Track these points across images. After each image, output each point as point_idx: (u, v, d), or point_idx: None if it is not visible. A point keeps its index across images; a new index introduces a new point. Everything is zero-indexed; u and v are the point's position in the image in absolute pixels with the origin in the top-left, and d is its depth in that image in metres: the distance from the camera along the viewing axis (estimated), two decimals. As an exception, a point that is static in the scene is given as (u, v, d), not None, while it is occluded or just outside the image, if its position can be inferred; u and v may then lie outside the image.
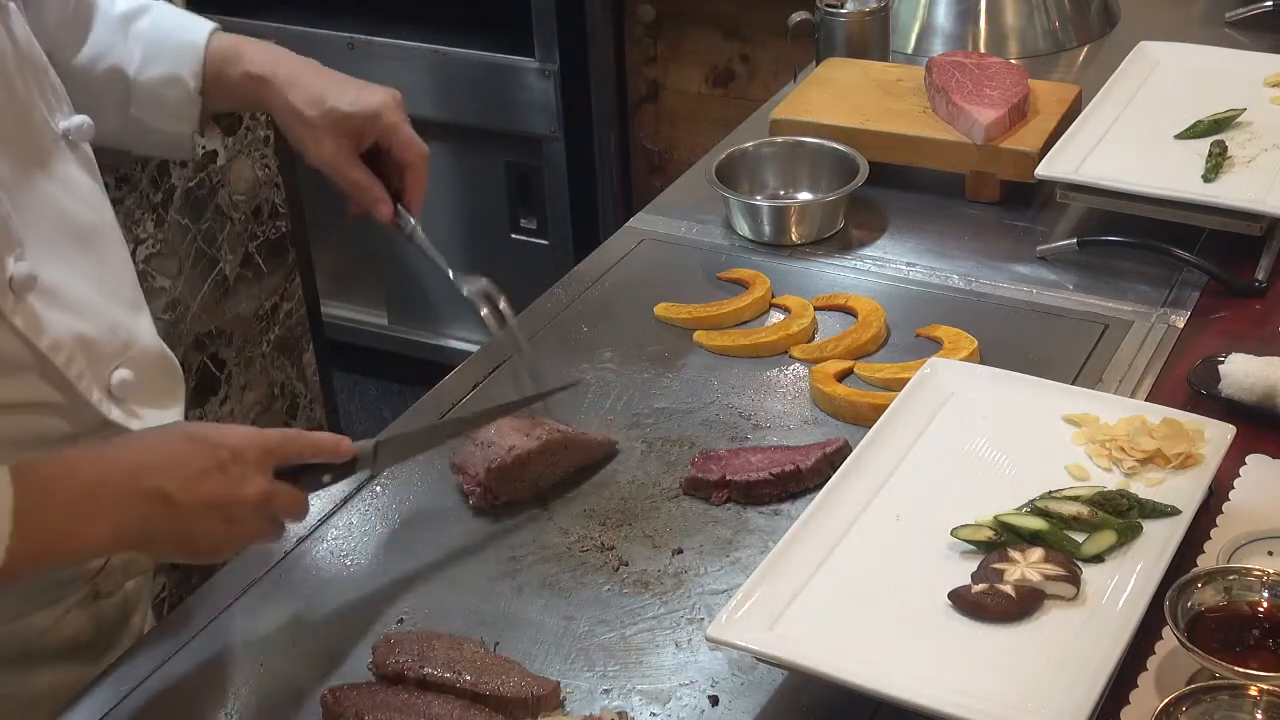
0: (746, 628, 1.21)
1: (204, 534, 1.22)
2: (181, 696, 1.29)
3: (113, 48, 1.49)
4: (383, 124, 1.51)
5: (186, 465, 1.20)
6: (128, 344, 1.36)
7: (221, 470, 1.21)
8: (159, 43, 1.50)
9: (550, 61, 3.21)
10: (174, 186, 2.40)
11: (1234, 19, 2.32)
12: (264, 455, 1.24)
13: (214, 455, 1.21)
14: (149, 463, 1.21)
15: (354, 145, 1.52)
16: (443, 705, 1.20)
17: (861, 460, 1.38)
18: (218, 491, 1.20)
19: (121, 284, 1.40)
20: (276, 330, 2.70)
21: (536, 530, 1.43)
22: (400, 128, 1.52)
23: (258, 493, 1.23)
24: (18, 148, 1.28)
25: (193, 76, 1.50)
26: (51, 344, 1.26)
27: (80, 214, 1.35)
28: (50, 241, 1.29)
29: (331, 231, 3.50)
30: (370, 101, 1.50)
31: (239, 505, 1.22)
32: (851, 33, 2.15)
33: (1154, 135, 1.88)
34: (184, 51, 1.50)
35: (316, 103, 1.49)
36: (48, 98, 1.34)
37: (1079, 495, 1.32)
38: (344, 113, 1.50)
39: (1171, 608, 1.16)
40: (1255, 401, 1.47)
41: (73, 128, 1.36)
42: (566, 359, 1.66)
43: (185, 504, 1.19)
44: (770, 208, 1.87)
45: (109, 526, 1.18)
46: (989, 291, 1.75)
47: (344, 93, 1.50)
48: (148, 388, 1.38)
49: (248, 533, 1.25)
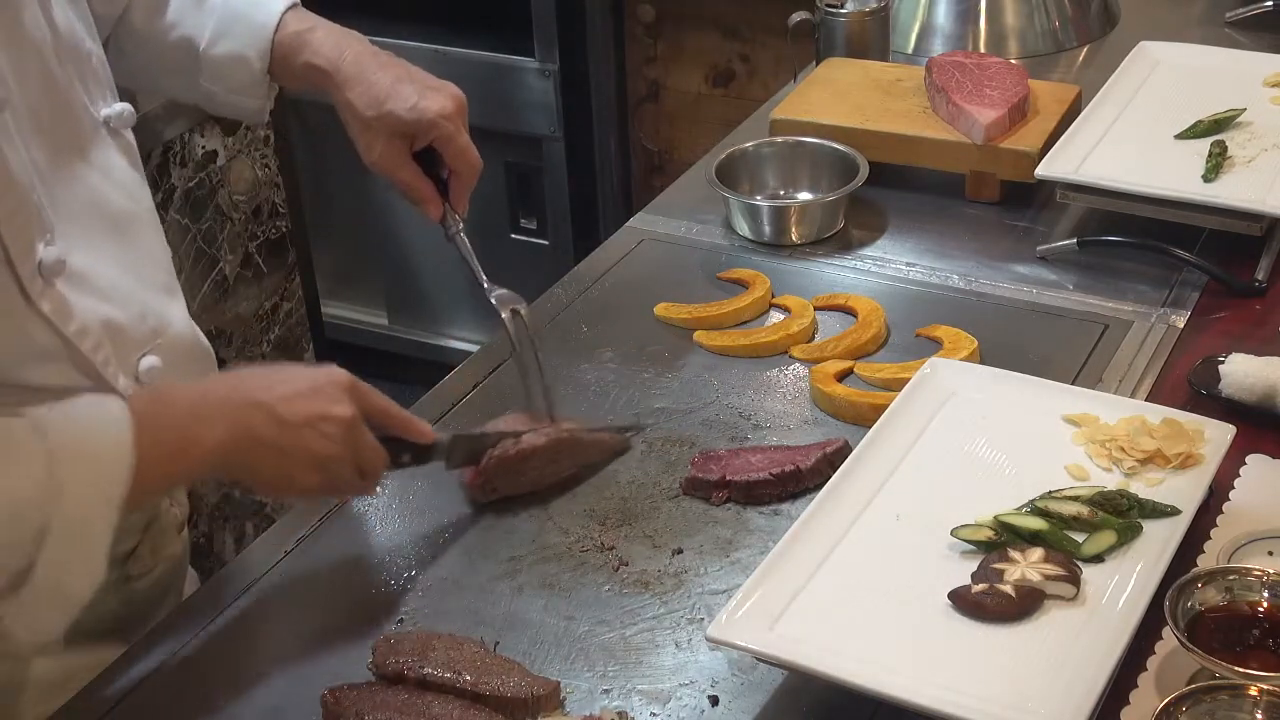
0: (746, 628, 1.21)
1: (301, 450, 1.26)
2: (181, 697, 1.29)
3: (185, 18, 1.51)
4: (438, 133, 1.50)
5: (284, 383, 1.28)
6: (157, 330, 1.37)
7: (317, 390, 1.28)
8: (232, 19, 1.51)
9: (550, 61, 3.21)
10: (174, 186, 2.40)
11: (1234, 19, 2.31)
12: (353, 386, 1.31)
13: (310, 377, 1.30)
14: (249, 380, 1.30)
15: (406, 147, 1.52)
16: (443, 705, 1.20)
17: (861, 460, 1.38)
18: (315, 407, 1.27)
19: (155, 270, 1.41)
20: (276, 330, 2.70)
21: (536, 530, 1.43)
22: (455, 138, 1.51)
23: (350, 414, 1.29)
24: (55, 134, 1.29)
25: (259, 58, 1.50)
26: (79, 329, 1.27)
27: (116, 200, 1.36)
28: (83, 227, 1.30)
29: (331, 231, 3.50)
30: (429, 109, 1.49)
31: (332, 422, 1.27)
32: (851, 33, 2.15)
33: (1154, 135, 1.88)
34: (254, 31, 1.50)
35: (375, 104, 1.49)
36: (89, 85, 1.35)
37: (1079, 495, 1.32)
38: (400, 118, 1.49)
39: (1171, 608, 1.16)
40: (1255, 401, 1.47)
41: (114, 115, 1.37)
42: (567, 359, 1.66)
43: (286, 416, 1.26)
44: (770, 208, 1.87)
45: (220, 432, 1.23)
46: (989, 291, 1.75)
47: (404, 96, 1.49)
48: (177, 374, 1.39)
49: (337, 459, 1.29)
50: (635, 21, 3.26)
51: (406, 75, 1.52)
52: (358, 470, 1.32)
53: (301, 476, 1.29)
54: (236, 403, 1.26)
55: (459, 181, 1.55)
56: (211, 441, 1.24)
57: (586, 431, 1.50)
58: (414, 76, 1.52)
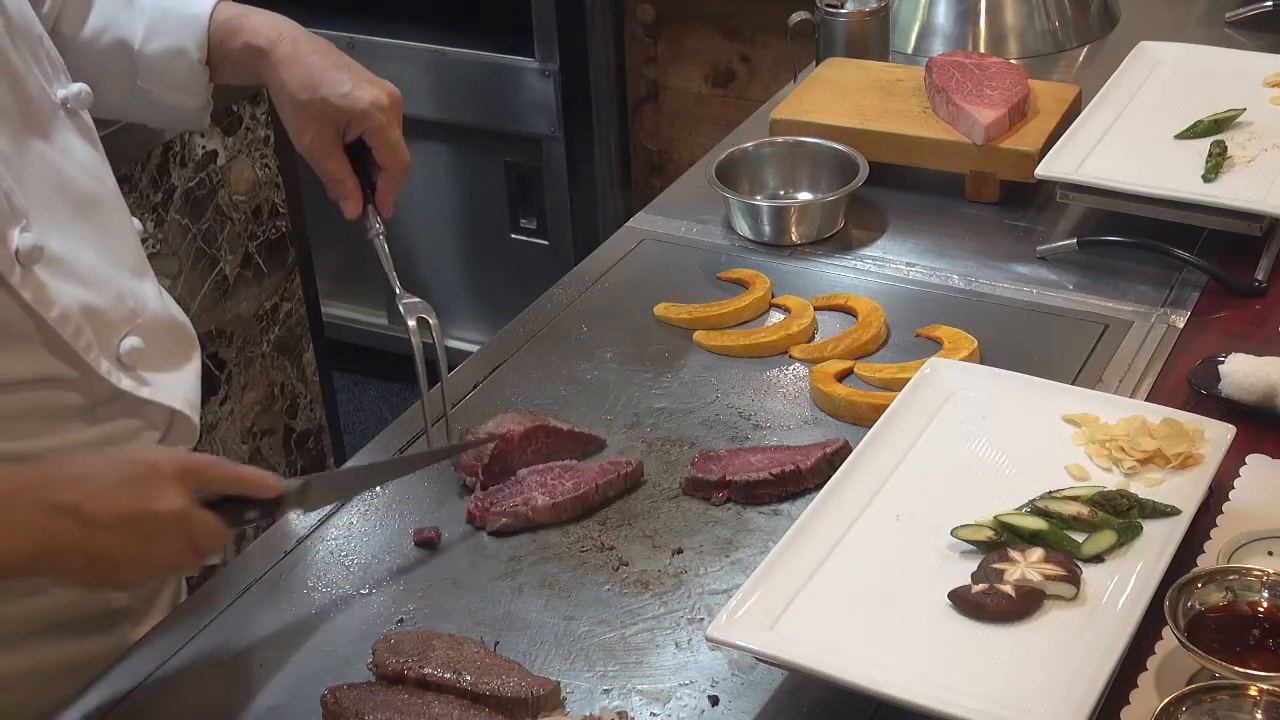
0: (746, 628, 1.21)
1: (118, 551, 1.16)
2: (181, 697, 1.29)
3: (116, 20, 1.48)
4: (370, 124, 1.47)
5: (101, 478, 1.17)
6: (135, 311, 1.36)
7: (135, 484, 1.17)
8: (163, 14, 1.48)
9: (550, 61, 3.21)
10: (174, 186, 2.40)
11: (1234, 19, 2.32)
12: (183, 473, 1.19)
13: (130, 469, 1.18)
14: (63, 477, 1.17)
15: (336, 136, 1.48)
16: (443, 705, 1.20)
17: (861, 460, 1.38)
18: (132, 505, 1.16)
19: (125, 251, 1.39)
20: (276, 330, 2.70)
21: (536, 530, 1.43)
22: (386, 131, 1.48)
23: (174, 509, 1.17)
24: (15, 118, 1.27)
25: (197, 48, 1.48)
26: (59, 316, 1.26)
27: (81, 182, 1.34)
28: (53, 211, 1.28)
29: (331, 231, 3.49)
30: (361, 99, 1.46)
31: (154, 520, 1.16)
32: (851, 33, 2.15)
33: (1154, 135, 1.88)
34: (188, 23, 1.48)
35: (308, 87, 1.46)
36: (45, 67, 1.34)
37: (1079, 495, 1.32)
38: (332, 105, 1.46)
39: (1171, 608, 1.16)
40: (1255, 401, 1.47)
41: (71, 96, 1.35)
42: (567, 359, 1.66)
43: (98, 517, 1.14)
44: (770, 208, 1.87)
45: (23, 541, 1.13)
46: (989, 291, 1.75)
47: (339, 83, 1.46)
48: (158, 353, 1.38)
49: (164, 554, 1.19)
50: (635, 21, 3.26)
51: (344, 64, 1.49)
52: (193, 550, 1.21)
53: (119, 576, 1.20)
54: (45, 505, 1.14)
55: (387, 179, 1.51)
56: (13, 552, 1.14)
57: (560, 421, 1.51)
58: (351, 66, 1.49)
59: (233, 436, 2.62)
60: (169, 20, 1.48)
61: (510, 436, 1.47)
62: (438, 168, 3.42)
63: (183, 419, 1.41)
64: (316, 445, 2.85)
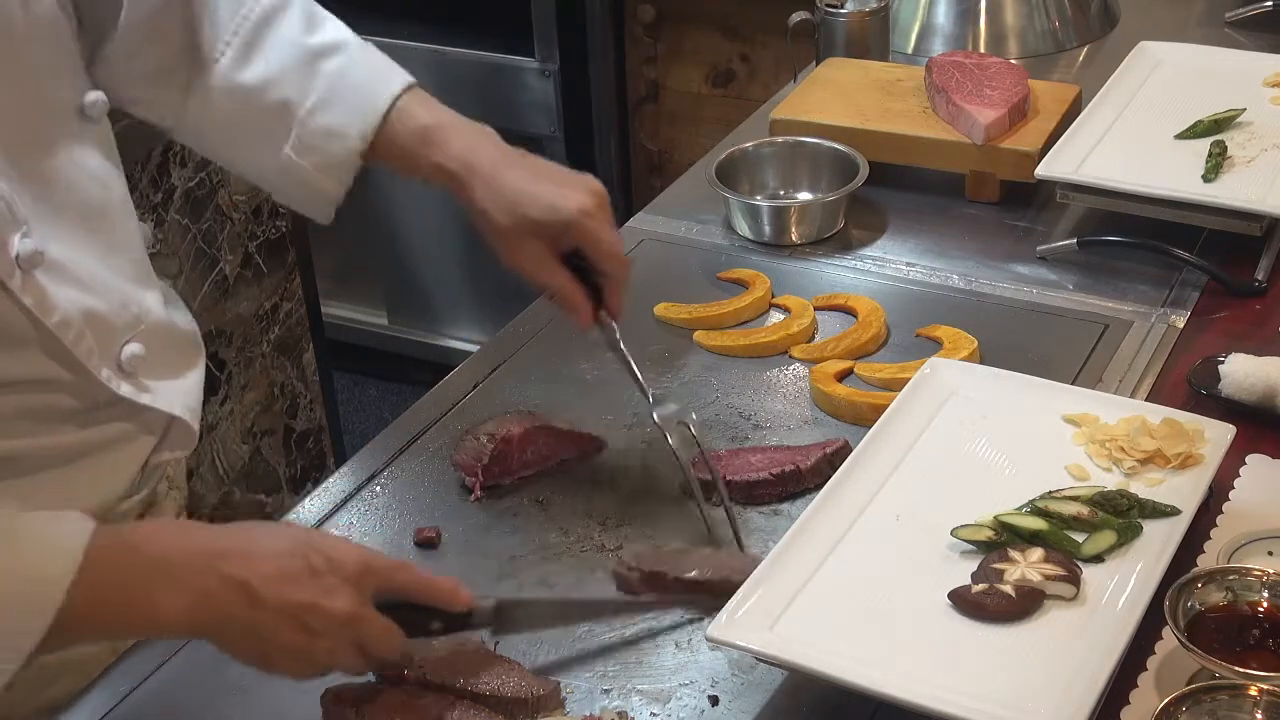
0: (746, 628, 1.21)
1: (280, 640, 1.14)
2: (181, 697, 1.29)
3: (288, 77, 1.40)
4: (580, 232, 1.39)
5: (277, 561, 1.14)
6: (139, 318, 1.33)
7: (313, 576, 1.14)
8: (342, 88, 1.40)
9: (550, 61, 3.21)
10: (174, 186, 2.40)
11: (1234, 19, 2.31)
12: (364, 573, 1.16)
13: (308, 559, 1.14)
14: (238, 549, 1.15)
15: (552, 250, 1.41)
16: (443, 705, 1.20)
17: (861, 460, 1.38)
18: (303, 596, 1.13)
19: (130, 260, 1.36)
20: (276, 330, 2.70)
21: (536, 530, 1.43)
22: (600, 237, 1.40)
23: (346, 610, 1.14)
24: (23, 124, 1.24)
25: (360, 136, 1.40)
26: (60, 321, 1.24)
27: (88, 191, 1.31)
28: (58, 218, 1.26)
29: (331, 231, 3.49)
30: (567, 209, 1.39)
31: (322, 616, 1.13)
32: (851, 33, 2.15)
33: (1154, 135, 1.88)
34: (363, 107, 1.40)
35: (509, 209, 1.39)
36: (62, 73, 1.29)
37: (1079, 495, 1.32)
38: (537, 221, 1.39)
39: (1171, 608, 1.16)
40: (1255, 401, 1.47)
41: (88, 104, 1.31)
42: (567, 359, 1.66)
43: (266, 600, 1.12)
44: (770, 208, 1.87)
45: (182, 604, 1.11)
46: (989, 291, 1.75)
47: (540, 196, 1.39)
48: (160, 360, 1.36)
49: (327, 651, 1.15)
50: (635, 21, 3.26)
51: (542, 173, 1.42)
52: (361, 652, 1.18)
53: (281, 662, 1.16)
54: (210, 574, 1.12)
55: (610, 284, 1.43)
56: (170, 612, 1.11)
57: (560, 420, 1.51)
58: (549, 174, 1.43)
59: (232, 436, 2.63)
60: (347, 97, 1.40)
61: (510, 437, 1.47)
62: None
63: (181, 424, 1.40)
64: (316, 445, 2.85)
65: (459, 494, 1.48)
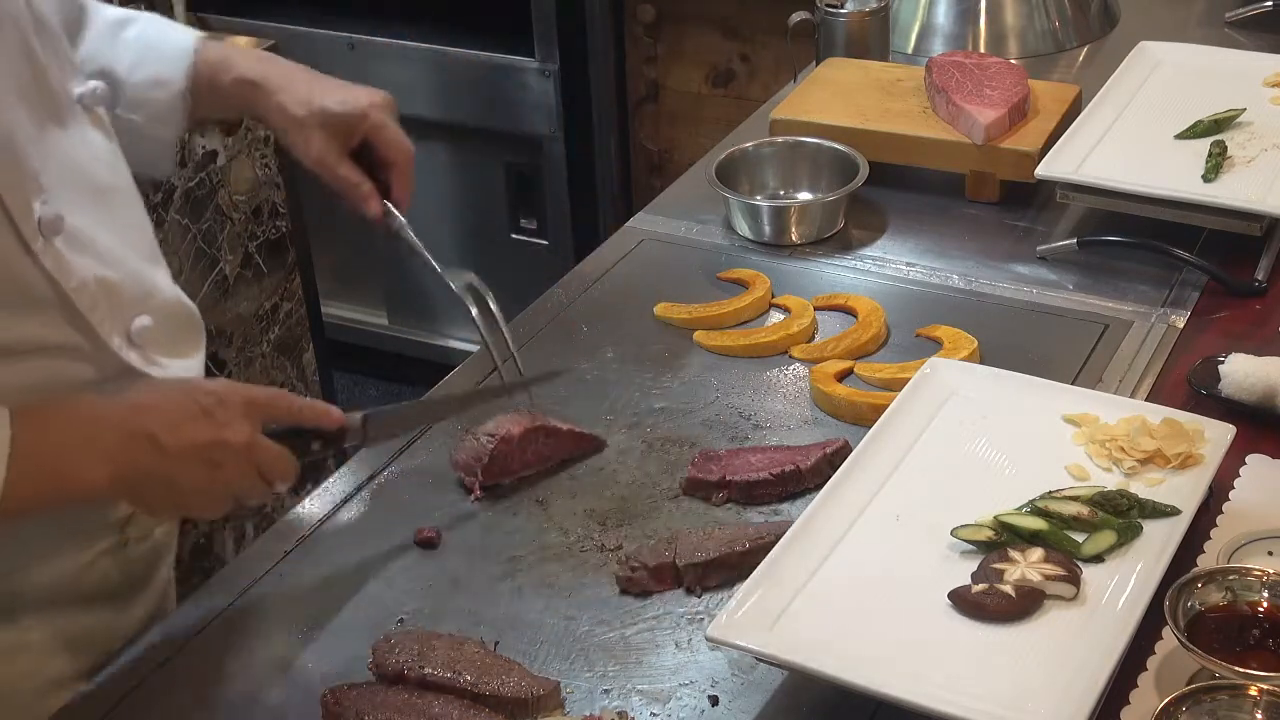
0: (746, 628, 1.21)
1: (189, 480, 1.24)
2: (181, 697, 1.29)
3: (102, 51, 1.53)
4: (369, 123, 1.53)
5: (174, 409, 1.25)
6: (149, 293, 1.39)
7: (206, 415, 1.25)
8: (148, 47, 1.54)
9: (550, 61, 3.21)
10: (174, 186, 2.40)
11: (1234, 19, 2.32)
12: (249, 405, 1.28)
13: (200, 401, 1.26)
14: (140, 404, 1.26)
15: (343, 144, 1.54)
16: (443, 705, 1.20)
17: (861, 460, 1.38)
18: (202, 435, 1.24)
19: (140, 240, 1.43)
20: (276, 330, 2.70)
21: (536, 530, 1.43)
22: (386, 127, 1.54)
23: (242, 439, 1.26)
24: (37, 104, 1.31)
25: (181, 79, 1.53)
26: (78, 286, 1.29)
27: (98, 171, 1.38)
28: (72, 192, 1.32)
29: (331, 231, 3.50)
30: (358, 101, 1.53)
31: (222, 449, 1.24)
32: (851, 33, 2.15)
33: (1154, 135, 1.88)
34: (173, 56, 1.54)
35: (305, 103, 1.53)
36: (63, 64, 1.38)
37: (1079, 495, 1.32)
38: (332, 112, 1.52)
39: (1171, 608, 1.16)
40: (1255, 401, 1.47)
41: (87, 93, 1.39)
42: (566, 359, 1.66)
43: (171, 446, 1.23)
44: (770, 208, 1.87)
45: (106, 468, 1.21)
46: (989, 291, 1.75)
47: (332, 93, 1.54)
48: (168, 337, 1.42)
49: (232, 481, 1.26)
50: (635, 21, 3.26)
51: (331, 81, 1.57)
52: (261, 480, 1.29)
53: (193, 502, 1.28)
54: (121, 431, 1.23)
55: (397, 172, 1.56)
56: (93, 477, 1.22)
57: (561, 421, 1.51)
58: (338, 82, 1.57)
59: (233, 436, 2.62)
60: (154, 52, 1.54)
61: (510, 437, 1.47)
62: (438, 168, 3.42)
63: None
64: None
65: (459, 494, 1.48)
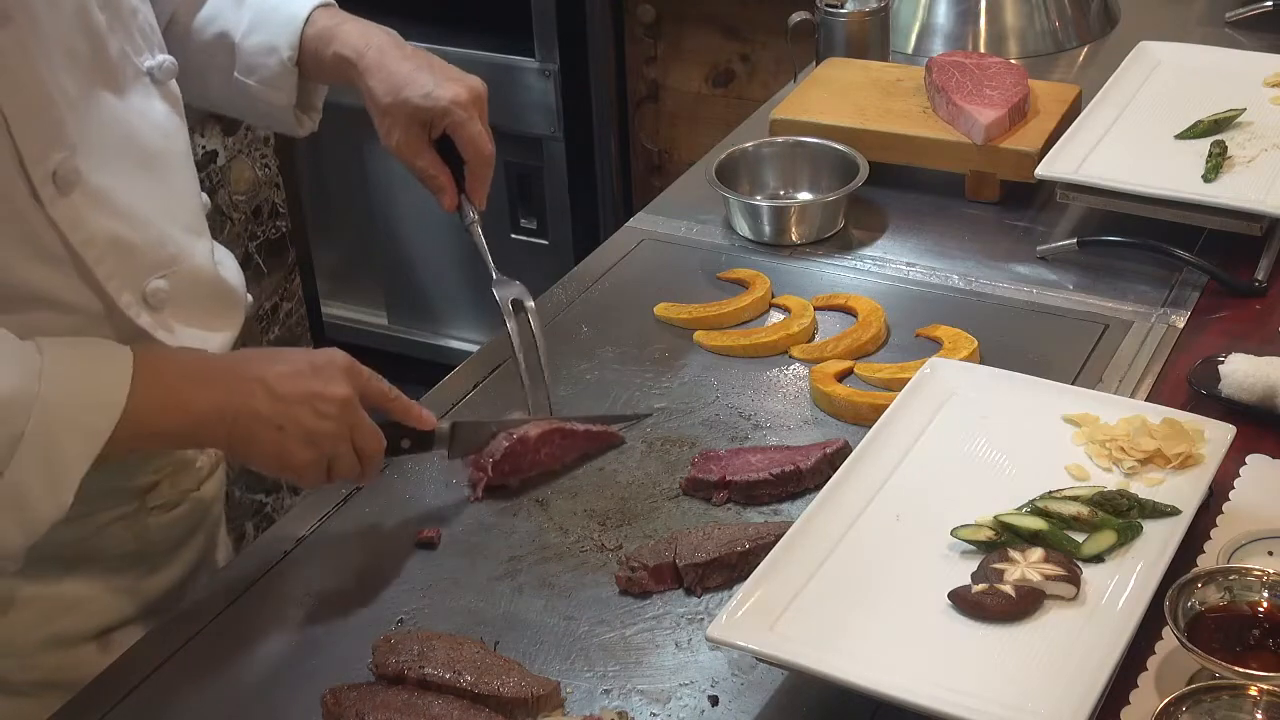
0: (746, 628, 1.21)
1: (296, 427, 1.30)
2: (181, 697, 1.29)
3: (224, 13, 1.57)
4: (450, 120, 1.53)
5: (284, 361, 1.34)
6: (175, 258, 1.40)
7: (314, 370, 1.33)
8: (264, 13, 1.57)
9: (550, 61, 3.21)
10: (174, 186, 2.40)
11: (1234, 19, 2.32)
12: (352, 368, 1.36)
13: (309, 358, 1.35)
14: (251, 356, 1.37)
15: (424, 134, 1.55)
16: (443, 705, 1.20)
17: (861, 460, 1.38)
18: (309, 386, 1.32)
19: (183, 209, 1.44)
20: (276, 330, 2.70)
21: (536, 530, 1.43)
22: (467, 125, 1.54)
23: (346, 393, 1.33)
24: (91, 70, 1.33)
25: (288, 48, 1.55)
26: (85, 240, 1.30)
27: (149, 138, 1.40)
28: (113, 154, 1.34)
29: (331, 231, 3.50)
30: (442, 96, 1.53)
31: (328, 402, 1.32)
32: (851, 33, 2.15)
33: (1154, 135, 1.88)
34: (285, 23, 1.56)
35: (392, 91, 1.53)
36: (133, 36, 1.39)
37: (1079, 495, 1.32)
38: (414, 105, 1.53)
39: (1171, 608, 1.16)
40: (1255, 401, 1.47)
41: (155, 66, 1.42)
42: (567, 359, 1.66)
43: (281, 392, 1.30)
44: (770, 208, 1.87)
45: (216, 398, 1.29)
46: (989, 291, 1.75)
47: (421, 83, 1.54)
48: (192, 306, 1.43)
49: (333, 439, 1.32)
50: (635, 21, 3.26)
51: (427, 65, 1.56)
52: (354, 451, 1.35)
53: (296, 452, 1.32)
54: (235, 375, 1.31)
55: (472, 172, 1.57)
56: (206, 405, 1.28)
57: (579, 422, 1.51)
58: (435, 67, 1.56)
59: (233, 436, 2.62)
60: (269, 19, 1.56)
61: (525, 437, 1.46)
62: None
63: None
64: (316, 445, 2.85)
65: (459, 494, 1.48)
